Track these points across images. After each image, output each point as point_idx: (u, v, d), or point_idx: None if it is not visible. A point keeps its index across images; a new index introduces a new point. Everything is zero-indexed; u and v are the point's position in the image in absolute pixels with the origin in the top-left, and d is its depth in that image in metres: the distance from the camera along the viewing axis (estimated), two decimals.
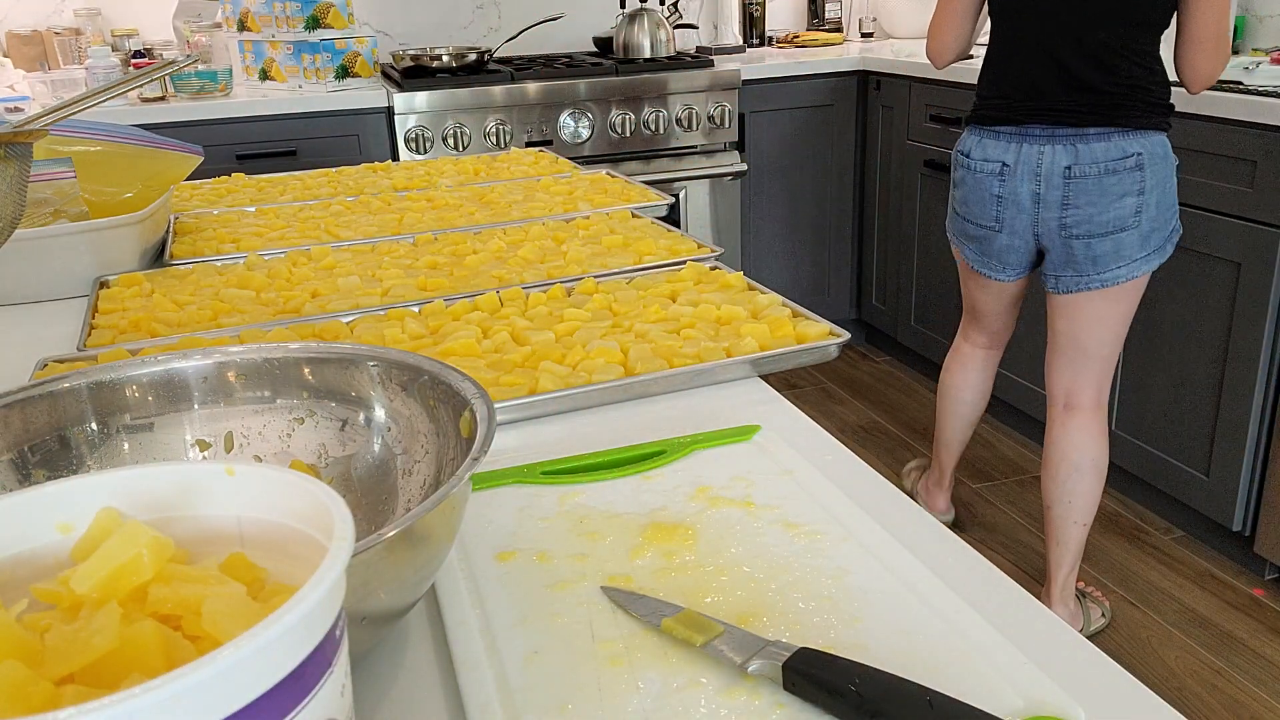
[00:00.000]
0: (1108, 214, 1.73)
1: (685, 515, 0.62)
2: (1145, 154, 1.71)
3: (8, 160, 0.78)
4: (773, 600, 0.54)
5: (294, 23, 2.73)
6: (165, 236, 1.31)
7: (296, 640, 0.30)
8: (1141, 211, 1.72)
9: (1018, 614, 0.53)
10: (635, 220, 1.29)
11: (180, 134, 1.81)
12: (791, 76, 3.07)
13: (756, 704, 0.46)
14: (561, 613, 0.54)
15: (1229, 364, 2.08)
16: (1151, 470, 2.32)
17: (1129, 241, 1.74)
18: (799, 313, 0.92)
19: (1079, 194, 1.74)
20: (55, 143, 1.25)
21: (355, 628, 0.44)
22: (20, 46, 2.89)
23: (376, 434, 0.61)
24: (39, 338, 1.03)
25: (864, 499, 0.64)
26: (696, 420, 0.77)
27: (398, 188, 1.56)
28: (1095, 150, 1.72)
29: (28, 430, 0.57)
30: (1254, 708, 1.83)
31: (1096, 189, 1.72)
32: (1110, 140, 1.71)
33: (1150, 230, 1.74)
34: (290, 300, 1.03)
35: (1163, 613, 2.09)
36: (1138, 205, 1.72)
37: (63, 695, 0.29)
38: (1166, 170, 1.74)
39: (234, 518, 0.40)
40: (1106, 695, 0.48)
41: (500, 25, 3.34)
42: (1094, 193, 1.73)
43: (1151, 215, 1.73)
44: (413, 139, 2.69)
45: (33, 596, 0.34)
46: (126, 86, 0.87)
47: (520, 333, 0.90)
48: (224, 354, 0.62)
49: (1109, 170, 1.71)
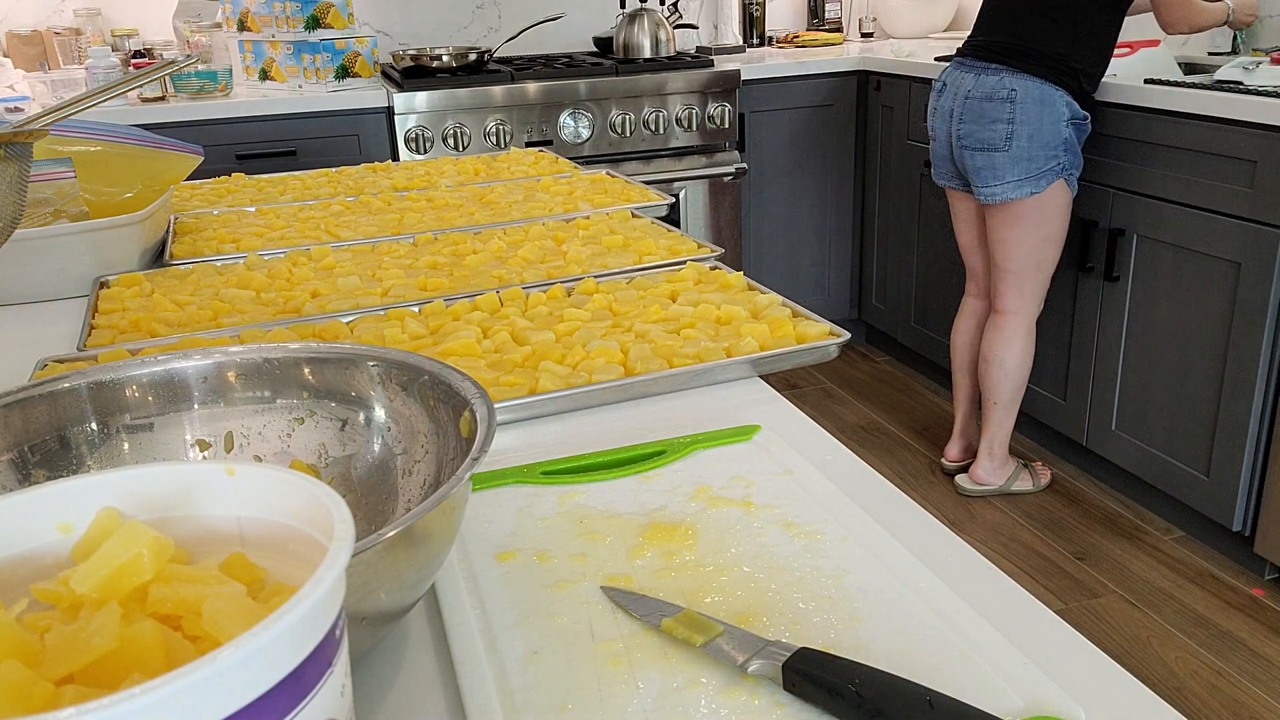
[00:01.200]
0: (983, 133, 2.18)
1: (685, 515, 0.62)
2: (1020, 92, 2.13)
3: (8, 160, 0.78)
4: (773, 600, 0.54)
5: (294, 23, 2.73)
6: (165, 236, 1.31)
7: (296, 640, 0.30)
8: (1011, 139, 2.15)
9: (1018, 614, 0.53)
10: (635, 220, 1.29)
11: (180, 134, 1.81)
12: (791, 76, 3.07)
13: (756, 704, 0.46)
14: (561, 613, 0.54)
15: (1229, 364, 2.08)
16: (1151, 470, 2.32)
17: (1001, 161, 2.17)
18: (799, 313, 0.92)
19: (968, 113, 2.21)
20: (55, 143, 1.25)
21: (355, 628, 0.44)
22: (20, 46, 2.89)
23: (376, 434, 0.61)
24: (39, 338, 1.03)
25: (864, 499, 0.64)
26: (696, 420, 0.77)
27: (398, 188, 1.56)
28: (987, 82, 2.18)
29: (28, 430, 0.57)
30: (1254, 708, 1.83)
31: (978, 111, 2.19)
32: (999, 76, 2.16)
33: (1020, 158, 2.15)
34: (290, 300, 1.03)
35: (1163, 613, 2.09)
36: (1007, 132, 2.15)
37: (63, 695, 0.29)
38: (1040, 112, 2.13)
39: (234, 518, 0.40)
40: (1106, 695, 0.48)
41: (500, 25, 3.34)
42: (976, 113, 2.19)
43: (1022, 145, 2.14)
44: (413, 139, 2.69)
45: (33, 596, 0.34)
46: (126, 86, 0.87)
47: (520, 333, 0.90)
48: (224, 354, 0.62)
49: (988, 98, 2.17)
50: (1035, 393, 2.61)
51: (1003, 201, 2.21)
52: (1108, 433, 2.42)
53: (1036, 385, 2.61)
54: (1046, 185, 2.17)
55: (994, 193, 2.21)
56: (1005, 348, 2.34)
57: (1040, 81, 2.12)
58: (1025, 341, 2.34)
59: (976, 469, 2.50)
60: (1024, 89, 2.13)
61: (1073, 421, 2.52)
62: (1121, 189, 2.27)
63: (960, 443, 2.62)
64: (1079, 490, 2.54)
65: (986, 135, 2.18)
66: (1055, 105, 2.13)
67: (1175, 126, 2.12)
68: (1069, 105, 2.14)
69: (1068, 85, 2.13)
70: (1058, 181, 2.18)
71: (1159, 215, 2.19)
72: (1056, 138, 2.14)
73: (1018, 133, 2.14)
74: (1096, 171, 2.33)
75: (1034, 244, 2.25)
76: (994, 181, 2.20)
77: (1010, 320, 2.33)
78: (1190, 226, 2.11)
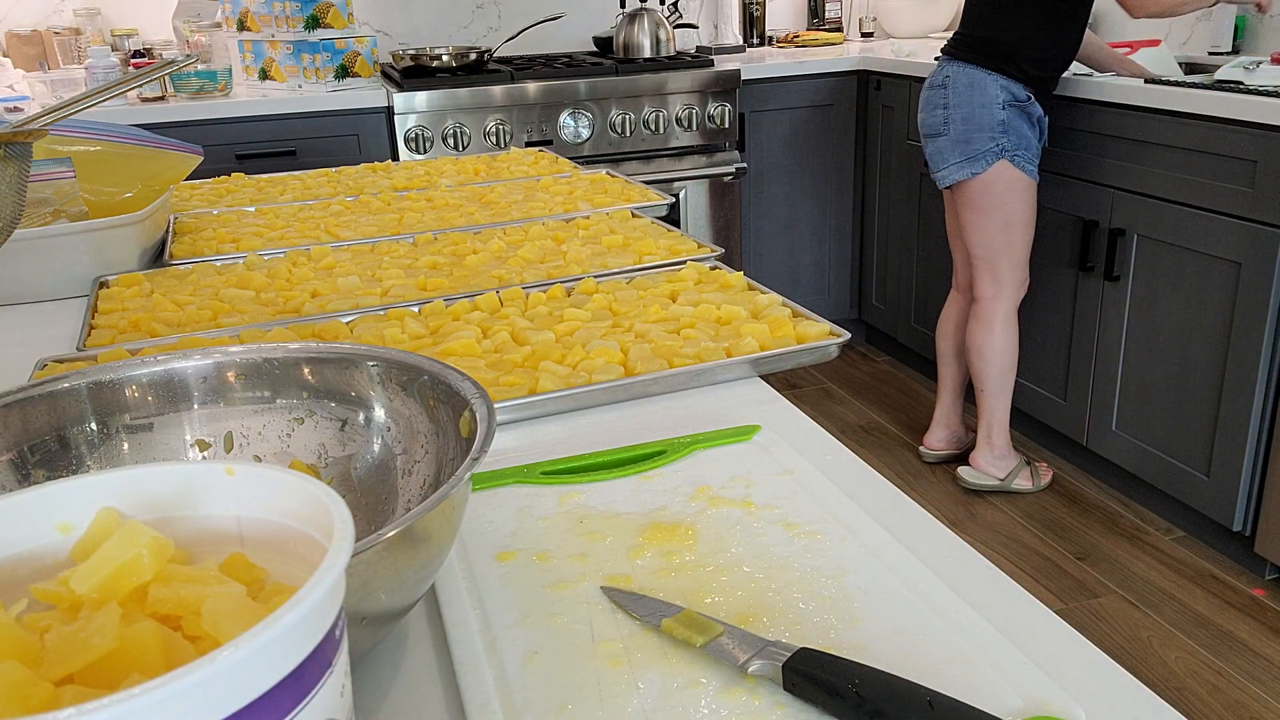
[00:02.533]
0: (928, 120, 2.32)
1: (685, 515, 0.62)
2: (952, 78, 2.25)
3: (8, 160, 0.78)
4: (773, 600, 0.54)
5: (294, 22, 2.73)
6: (165, 236, 1.31)
7: (296, 640, 0.30)
8: (948, 124, 2.26)
9: (1018, 614, 0.53)
10: (635, 220, 1.29)
11: (180, 134, 1.81)
12: (791, 76, 3.07)
13: (756, 704, 0.46)
14: (561, 613, 0.54)
15: (1229, 364, 2.08)
16: (1151, 470, 2.32)
17: (943, 145, 2.29)
18: (799, 312, 0.91)
19: (920, 104, 2.37)
20: (55, 143, 1.25)
21: (355, 628, 0.44)
22: (20, 46, 2.89)
23: (376, 434, 0.61)
24: (39, 338, 1.03)
25: (864, 499, 0.64)
26: (696, 420, 0.77)
27: (398, 188, 1.56)
28: (936, 74, 2.32)
29: (28, 430, 0.57)
30: (1254, 708, 1.83)
31: (924, 100, 2.35)
32: (943, 67, 2.30)
33: (959, 140, 2.26)
34: (290, 300, 1.03)
35: (1163, 613, 2.09)
36: (944, 117, 2.27)
37: (63, 695, 0.29)
38: (971, 95, 2.23)
39: (234, 518, 0.40)
40: (1106, 695, 0.48)
41: (500, 25, 3.34)
42: (923, 103, 2.35)
43: (958, 129, 2.25)
44: (412, 139, 2.69)
45: (33, 596, 0.34)
46: (126, 86, 0.87)
47: (520, 333, 0.90)
48: (224, 354, 0.62)
49: (931, 86, 2.32)
50: (1035, 393, 2.61)
51: (953, 185, 2.31)
52: (1108, 432, 2.42)
53: (1037, 385, 2.61)
54: (986, 166, 2.24)
55: (941, 176, 2.32)
56: (985, 334, 2.39)
57: (970, 66, 2.22)
58: (1004, 328, 2.38)
59: (976, 456, 2.51)
60: (955, 74, 2.24)
61: (1073, 421, 2.52)
62: (1121, 189, 2.27)
63: (940, 431, 2.66)
64: (1079, 490, 2.54)
65: (931, 122, 2.31)
66: (986, 88, 2.21)
67: (1175, 126, 2.12)
68: (1004, 88, 2.20)
69: (1002, 69, 2.20)
70: (1000, 162, 2.23)
71: (1159, 215, 2.19)
72: (991, 119, 2.21)
73: (952, 116, 2.25)
74: (1097, 171, 2.33)
75: (994, 228, 2.30)
76: (941, 166, 2.31)
77: (988, 308, 2.38)
78: (1190, 226, 2.11)
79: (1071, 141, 2.39)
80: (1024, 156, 2.25)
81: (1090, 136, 2.34)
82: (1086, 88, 2.31)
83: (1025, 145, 2.24)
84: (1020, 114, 2.23)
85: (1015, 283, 2.36)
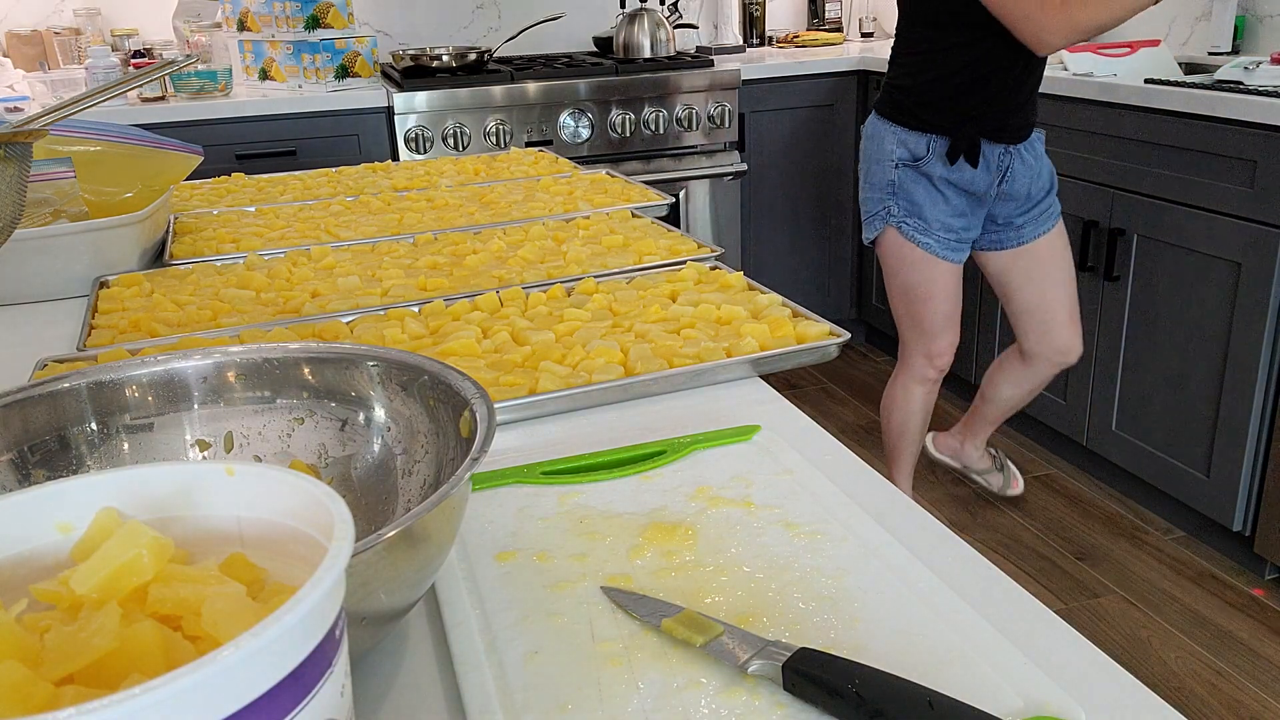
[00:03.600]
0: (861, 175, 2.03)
1: (685, 515, 0.62)
2: (865, 132, 2.00)
3: (8, 160, 0.78)
4: (773, 600, 0.54)
5: (294, 22, 2.73)
6: (165, 236, 1.31)
7: (296, 640, 0.30)
8: (861, 178, 2.02)
9: (1018, 614, 0.53)
10: (635, 220, 1.29)
11: (180, 134, 1.81)
12: (791, 76, 3.07)
13: (756, 704, 0.46)
14: (561, 613, 0.54)
15: (1229, 364, 2.08)
16: (1151, 470, 2.32)
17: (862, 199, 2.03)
18: (799, 312, 0.91)
19: None
20: (55, 143, 1.25)
21: (355, 628, 0.44)
22: (20, 46, 2.89)
23: (376, 434, 0.61)
24: (39, 338, 1.03)
25: (864, 499, 0.64)
26: (696, 420, 0.77)
27: (398, 188, 1.56)
28: None
29: (28, 430, 0.57)
30: (1254, 708, 1.83)
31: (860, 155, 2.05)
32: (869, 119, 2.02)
33: (864, 198, 2.01)
34: (290, 300, 1.03)
35: (1163, 613, 2.09)
36: (862, 172, 2.02)
37: (63, 695, 0.29)
38: (869, 150, 1.98)
39: (234, 518, 0.40)
40: (1106, 695, 0.48)
41: (500, 25, 3.34)
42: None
43: (864, 185, 2.01)
44: (413, 139, 2.69)
45: (33, 596, 0.34)
46: (126, 86, 0.87)
47: (520, 333, 0.90)
48: (224, 354, 0.62)
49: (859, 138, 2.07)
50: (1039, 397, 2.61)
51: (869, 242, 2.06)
52: (1108, 433, 2.42)
53: None
54: (874, 232, 1.99)
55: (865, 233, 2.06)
56: (886, 393, 2.21)
57: (874, 116, 1.97)
58: (902, 395, 2.14)
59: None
60: (866, 130, 2.00)
61: (1073, 421, 2.52)
62: (1121, 189, 2.27)
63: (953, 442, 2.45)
64: (1079, 490, 2.54)
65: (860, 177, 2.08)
66: (882, 142, 1.94)
67: (1175, 126, 2.12)
68: (901, 144, 1.90)
69: (896, 118, 1.91)
70: (888, 229, 1.96)
71: (1159, 215, 2.19)
72: (882, 179, 1.94)
73: (861, 170, 2.02)
74: (1096, 171, 2.33)
75: (895, 294, 2.05)
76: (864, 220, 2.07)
77: (896, 368, 2.17)
78: (1190, 226, 2.11)
79: (1071, 141, 2.39)
80: (914, 226, 1.93)
81: (1090, 136, 2.34)
82: (1087, 88, 2.31)
83: (915, 213, 1.92)
84: (916, 175, 1.91)
85: (920, 352, 2.07)
